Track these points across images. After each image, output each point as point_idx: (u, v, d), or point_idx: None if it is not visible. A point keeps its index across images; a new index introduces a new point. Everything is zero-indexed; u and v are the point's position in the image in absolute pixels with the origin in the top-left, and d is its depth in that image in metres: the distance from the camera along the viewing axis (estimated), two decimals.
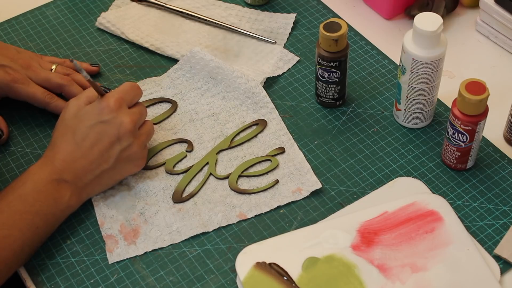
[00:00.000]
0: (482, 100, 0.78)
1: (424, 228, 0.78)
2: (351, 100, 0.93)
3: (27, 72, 0.90)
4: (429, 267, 0.75)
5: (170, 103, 0.93)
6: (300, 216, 0.82)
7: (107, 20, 1.03)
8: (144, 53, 1.00)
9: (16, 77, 0.89)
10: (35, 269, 0.78)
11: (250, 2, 1.06)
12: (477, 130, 0.80)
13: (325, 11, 1.05)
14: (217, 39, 1.00)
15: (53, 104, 0.90)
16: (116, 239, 0.79)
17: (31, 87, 0.89)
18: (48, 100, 0.90)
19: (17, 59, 0.91)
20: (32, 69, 0.91)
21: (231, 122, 0.91)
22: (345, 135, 0.90)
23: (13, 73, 0.89)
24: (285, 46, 1.00)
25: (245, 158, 0.87)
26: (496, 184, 0.84)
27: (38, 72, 0.91)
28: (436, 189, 0.84)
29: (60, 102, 0.90)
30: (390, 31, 1.02)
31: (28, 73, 0.90)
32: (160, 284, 0.77)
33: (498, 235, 0.80)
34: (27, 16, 1.05)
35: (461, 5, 1.05)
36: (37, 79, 0.90)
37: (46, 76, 0.90)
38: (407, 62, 0.84)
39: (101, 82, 0.96)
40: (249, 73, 0.94)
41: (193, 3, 1.05)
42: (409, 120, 0.89)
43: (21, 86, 0.89)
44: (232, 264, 0.78)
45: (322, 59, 0.87)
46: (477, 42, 1.01)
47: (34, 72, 0.90)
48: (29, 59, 0.92)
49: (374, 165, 0.86)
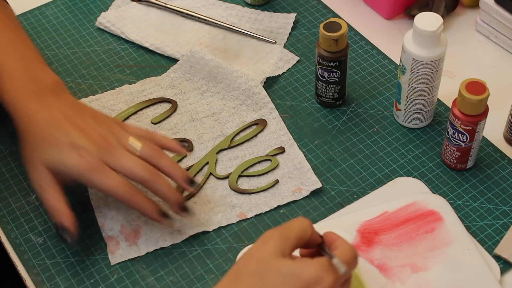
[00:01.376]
0: (482, 100, 0.78)
1: (424, 228, 0.78)
2: (351, 100, 0.93)
3: (105, 156, 0.74)
4: (429, 267, 0.75)
5: (170, 103, 0.93)
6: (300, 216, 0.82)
7: (107, 20, 1.03)
8: (144, 53, 1.00)
9: (92, 164, 0.73)
10: (35, 269, 0.78)
11: (250, 2, 1.06)
12: (477, 130, 0.80)
13: (325, 11, 1.05)
14: (217, 39, 1.00)
15: (134, 203, 0.75)
16: (117, 240, 0.79)
17: (109, 177, 0.73)
18: (128, 197, 0.74)
19: (94, 134, 0.75)
20: (112, 151, 0.74)
21: (231, 122, 0.91)
22: (345, 135, 0.90)
23: (89, 158, 0.73)
24: (285, 46, 1.00)
25: (245, 158, 0.87)
26: (496, 184, 0.84)
27: (118, 157, 0.74)
28: (436, 189, 0.84)
29: (142, 199, 0.75)
30: (390, 31, 1.02)
31: (107, 157, 0.74)
32: (160, 284, 0.77)
33: (498, 235, 0.80)
34: (27, 16, 1.05)
35: (461, 5, 1.05)
36: (117, 167, 0.74)
37: (128, 166, 0.74)
38: (407, 62, 0.84)
39: (101, 82, 0.96)
40: (249, 73, 0.94)
41: (193, 3, 1.05)
42: (409, 120, 0.89)
43: (96, 175, 0.73)
44: (232, 264, 0.78)
45: (322, 59, 0.87)
46: (477, 42, 1.01)
47: (114, 158, 0.74)
48: (108, 134, 0.76)
49: (374, 165, 0.86)
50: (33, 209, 0.83)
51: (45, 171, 0.74)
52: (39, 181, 0.74)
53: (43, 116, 0.75)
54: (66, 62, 0.99)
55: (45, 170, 0.74)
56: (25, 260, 0.79)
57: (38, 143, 0.74)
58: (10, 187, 0.85)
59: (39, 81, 0.78)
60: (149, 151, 0.76)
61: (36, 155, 0.74)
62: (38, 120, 0.75)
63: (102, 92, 0.95)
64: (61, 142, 0.74)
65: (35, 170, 0.75)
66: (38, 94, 0.77)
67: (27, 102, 0.76)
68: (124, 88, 0.95)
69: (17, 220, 0.82)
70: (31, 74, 0.79)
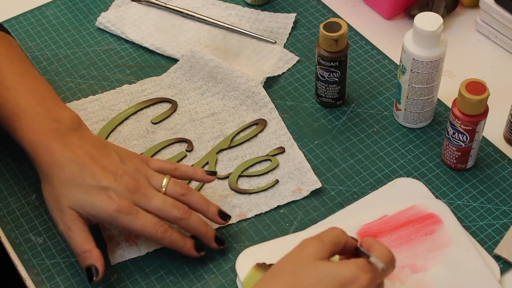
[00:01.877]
0: (482, 100, 0.78)
1: (424, 230, 0.78)
2: (351, 100, 0.93)
3: (134, 196, 0.73)
4: (429, 267, 0.75)
5: (170, 103, 0.93)
6: (300, 216, 0.82)
7: (107, 20, 1.03)
8: (144, 53, 1.00)
9: (122, 205, 0.72)
10: (35, 269, 0.78)
11: (250, 2, 1.06)
12: (477, 130, 0.80)
13: (325, 11, 1.05)
14: (217, 39, 1.00)
15: (167, 240, 0.74)
16: (117, 240, 0.79)
17: (140, 218, 0.72)
18: (160, 236, 0.73)
19: (121, 174, 0.73)
20: (141, 191, 0.73)
21: (231, 122, 0.91)
22: (345, 135, 0.90)
23: (118, 199, 0.72)
24: (285, 46, 1.00)
25: (245, 158, 0.87)
26: (496, 184, 0.84)
27: (149, 198, 0.73)
28: (436, 189, 0.84)
29: (176, 237, 0.74)
30: (390, 31, 1.02)
31: (136, 198, 0.73)
32: (160, 284, 0.77)
33: (498, 235, 0.80)
34: (27, 16, 1.05)
35: (461, 5, 1.05)
36: (147, 207, 0.73)
37: (160, 205, 0.73)
38: (407, 62, 0.84)
39: (101, 82, 0.96)
40: (249, 73, 0.94)
41: (193, 3, 1.05)
42: (409, 120, 0.89)
43: (127, 217, 0.72)
44: (232, 264, 0.78)
45: (322, 59, 0.87)
46: (477, 42, 1.01)
47: (144, 197, 0.73)
48: (135, 173, 0.74)
49: (374, 165, 0.86)
50: (33, 209, 0.83)
51: (72, 212, 0.72)
52: (67, 222, 0.72)
53: (67, 158, 0.73)
54: (66, 62, 0.99)
55: (72, 211, 0.72)
56: (25, 260, 0.79)
57: (63, 185, 0.72)
58: (10, 187, 0.86)
59: (58, 120, 0.76)
60: (178, 189, 0.75)
61: (62, 198, 0.72)
62: (62, 162, 0.73)
63: (102, 92, 0.95)
64: (88, 184, 0.72)
65: (61, 212, 0.73)
66: (59, 134, 0.75)
67: (49, 143, 0.74)
68: (124, 88, 0.95)
69: (17, 220, 0.82)
70: (49, 113, 0.76)
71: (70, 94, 0.95)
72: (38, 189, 0.85)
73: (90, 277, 0.72)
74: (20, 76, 0.80)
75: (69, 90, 0.95)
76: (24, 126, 0.76)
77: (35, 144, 0.75)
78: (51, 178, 0.73)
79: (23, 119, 0.76)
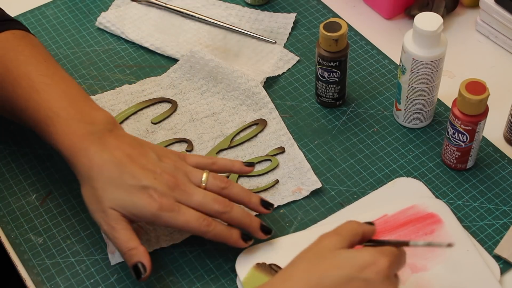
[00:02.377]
0: (482, 100, 0.78)
1: (424, 230, 0.78)
2: (351, 100, 0.93)
3: (175, 193, 0.73)
4: (429, 267, 0.75)
5: (170, 103, 0.93)
6: (300, 216, 0.82)
7: (107, 20, 1.03)
8: (144, 53, 1.00)
9: (164, 203, 0.72)
10: (35, 269, 0.78)
11: (250, 2, 1.06)
12: (477, 130, 0.80)
13: (325, 11, 1.05)
14: (217, 39, 1.00)
15: (212, 233, 0.73)
16: None
17: (182, 214, 0.72)
18: (204, 229, 0.73)
19: (161, 172, 0.73)
20: (181, 188, 0.73)
21: (231, 122, 0.91)
22: (345, 135, 0.90)
23: (159, 198, 0.72)
24: (285, 46, 1.00)
25: (245, 158, 0.87)
26: (496, 184, 0.84)
27: (189, 194, 0.73)
28: (436, 189, 0.84)
29: (220, 229, 0.74)
30: (390, 31, 1.02)
31: (177, 194, 0.73)
32: (160, 284, 0.77)
33: (498, 235, 0.80)
34: (27, 16, 1.05)
35: (461, 5, 1.05)
36: (188, 203, 0.73)
37: (200, 201, 0.73)
38: (407, 62, 0.84)
39: (101, 82, 0.96)
40: (249, 73, 0.94)
41: (193, 3, 1.05)
42: (409, 120, 0.89)
43: (170, 214, 0.72)
44: (232, 264, 0.78)
45: (322, 59, 0.87)
46: (477, 42, 1.01)
47: (184, 194, 0.73)
48: (173, 170, 0.74)
49: (374, 165, 0.86)
50: (33, 209, 0.83)
51: (114, 213, 0.72)
52: (110, 222, 0.72)
53: (105, 159, 0.73)
54: (66, 62, 0.99)
55: (114, 212, 0.72)
56: (25, 260, 0.79)
57: (104, 187, 0.72)
58: (10, 187, 0.86)
59: (93, 121, 0.75)
60: (217, 183, 0.75)
61: (103, 199, 0.72)
62: (101, 164, 0.72)
63: (102, 92, 0.95)
64: (128, 185, 0.72)
65: (103, 213, 0.72)
66: (96, 135, 0.74)
67: (86, 146, 0.74)
68: (124, 88, 0.95)
69: (17, 220, 0.82)
70: (83, 115, 0.76)
71: None
72: (38, 189, 0.85)
73: (138, 274, 0.72)
74: (49, 78, 0.79)
75: None
76: (59, 130, 0.75)
77: (73, 148, 0.74)
78: (91, 181, 0.73)
79: (58, 123, 0.75)
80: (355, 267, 0.62)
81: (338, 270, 0.63)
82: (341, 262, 0.63)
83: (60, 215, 0.82)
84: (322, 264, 0.63)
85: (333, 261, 0.63)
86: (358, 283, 0.62)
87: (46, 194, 0.84)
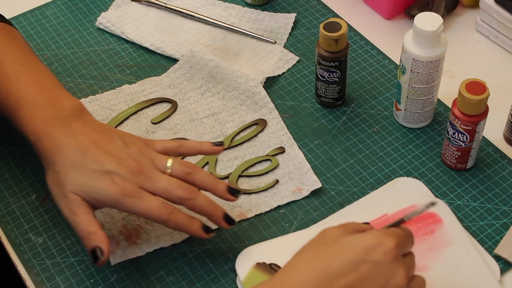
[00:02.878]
0: (482, 100, 0.78)
1: (424, 229, 0.78)
2: (351, 100, 0.93)
3: (138, 179, 0.71)
4: (429, 267, 0.75)
5: (170, 103, 0.93)
6: (300, 216, 0.82)
7: (107, 20, 1.03)
8: (144, 53, 1.00)
9: (126, 189, 0.70)
10: (35, 269, 0.78)
11: (250, 2, 1.06)
12: (477, 130, 0.80)
13: (325, 11, 1.05)
14: (217, 39, 1.00)
15: (173, 222, 0.72)
16: (117, 240, 0.79)
17: (145, 201, 0.71)
18: (166, 217, 0.71)
19: (125, 158, 0.72)
20: (145, 174, 0.72)
21: (231, 122, 0.91)
22: (345, 135, 0.90)
23: (122, 183, 0.71)
24: (285, 46, 1.00)
25: (245, 158, 0.87)
26: (496, 184, 0.84)
27: (152, 180, 0.72)
28: (436, 189, 0.84)
29: (182, 218, 0.72)
30: (390, 31, 1.02)
31: (140, 180, 0.71)
32: (160, 284, 0.77)
33: (498, 235, 0.80)
34: (27, 16, 1.05)
35: (461, 5, 1.05)
36: (152, 189, 0.72)
37: (163, 186, 0.72)
38: (407, 62, 0.84)
39: (101, 82, 0.96)
40: (249, 73, 0.94)
41: (193, 3, 1.05)
42: (409, 120, 0.89)
43: (132, 200, 0.70)
44: (232, 264, 0.78)
45: (322, 59, 0.87)
46: (477, 42, 1.01)
47: (147, 179, 0.72)
48: (138, 156, 0.73)
49: (374, 165, 0.86)
50: (33, 209, 0.83)
51: (75, 197, 0.71)
52: (71, 207, 0.71)
53: (69, 143, 0.72)
54: (66, 62, 0.99)
55: (75, 196, 0.71)
56: (25, 260, 0.79)
57: (67, 171, 0.71)
58: (10, 187, 0.86)
59: (61, 107, 0.75)
60: (183, 168, 0.74)
61: (65, 183, 0.71)
62: (65, 148, 0.72)
63: (102, 92, 0.95)
64: (91, 169, 0.71)
65: (65, 197, 0.72)
66: (62, 121, 0.74)
67: (51, 130, 0.73)
68: (124, 88, 0.95)
69: (17, 220, 0.82)
70: (52, 101, 0.76)
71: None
72: (38, 189, 0.85)
73: (95, 258, 0.71)
74: (22, 66, 0.79)
75: (69, 90, 0.95)
76: (27, 115, 0.75)
77: (38, 132, 0.74)
78: (54, 165, 0.73)
79: (26, 109, 0.76)
80: (361, 250, 0.61)
81: (343, 254, 0.61)
82: (346, 247, 0.61)
83: (60, 215, 0.82)
84: (327, 251, 0.62)
85: (338, 247, 0.62)
86: (366, 266, 0.60)
87: (46, 194, 0.84)
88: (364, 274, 0.60)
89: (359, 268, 0.60)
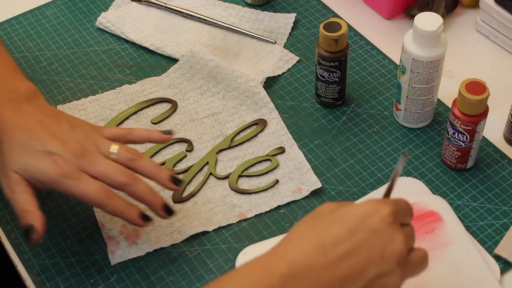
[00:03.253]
0: (482, 100, 0.78)
1: (424, 228, 0.78)
2: (351, 100, 0.93)
3: (80, 161, 0.71)
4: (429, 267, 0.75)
5: (170, 103, 0.93)
6: (300, 216, 0.82)
7: (107, 20, 1.03)
8: (144, 53, 1.00)
9: (66, 170, 0.71)
10: (35, 269, 0.78)
11: (250, 2, 1.06)
12: (477, 130, 0.80)
13: (325, 11, 1.05)
14: (217, 39, 1.00)
15: (111, 207, 0.72)
16: (117, 240, 0.79)
17: (84, 183, 0.71)
18: (104, 202, 0.71)
19: (70, 140, 0.72)
20: (88, 157, 0.72)
21: (231, 122, 0.91)
22: (345, 135, 0.90)
23: (62, 164, 0.71)
24: (285, 46, 1.00)
25: (245, 158, 0.87)
26: (496, 184, 0.84)
27: (94, 163, 0.72)
28: (436, 189, 0.84)
29: (120, 204, 0.72)
30: (390, 31, 1.02)
31: (82, 163, 0.71)
32: (160, 284, 0.77)
33: (498, 235, 0.80)
34: (27, 16, 1.05)
35: (461, 5, 1.05)
36: (92, 172, 0.72)
37: (104, 170, 0.72)
38: (407, 62, 0.84)
39: (101, 82, 0.96)
40: (249, 73, 0.94)
41: (193, 3, 1.05)
42: (409, 120, 0.89)
43: (70, 182, 0.71)
44: (232, 264, 0.78)
45: (322, 59, 0.87)
46: (477, 42, 1.01)
47: (89, 162, 0.72)
48: (84, 140, 0.73)
49: (374, 165, 0.86)
50: None
51: (16, 176, 0.71)
52: (11, 185, 0.71)
53: (16, 123, 0.73)
54: (66, 62, 0.99)
55: (16, 175, 0.71)
56: (25, 260, 0.79)
57: (11, 150, 0.72)
58: None
59: (14, 90, 0.76)
60: (126, 154, 0.74)
61: (8, 163, 0.71)
62: (11, 128, 0.72)
63: (102, 92, 0.95)
64: (35, 149, 0.71)
65: (6, 177, 0.72)
66: (13, 102, 0.75)
67: (1, 110, 0.74)
68: (124, 88, 0.95)
69: (17, 220, 0.82)
70: (6, 84, 0.77)
71: (70, 94, 0.95)
72: None
73: (28, 236, 0.70)
74: None
75: (69, 90, 0.95)
76: None
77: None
78: (1, 145, 0.73)
79: None
80: (356, 218, 0.60)
81: (339, 224, 0.60)
82: (342, 216, 0.60)
83: (60, 215, 0.82)
84: (322, 222, 0.61)
85: (333, 217, 0.61)
86: (363, 234, 0.59)
87: (46, 194, 0.84)
88: (361, 242, 0.59)
89: (355, 235, 0.59)
